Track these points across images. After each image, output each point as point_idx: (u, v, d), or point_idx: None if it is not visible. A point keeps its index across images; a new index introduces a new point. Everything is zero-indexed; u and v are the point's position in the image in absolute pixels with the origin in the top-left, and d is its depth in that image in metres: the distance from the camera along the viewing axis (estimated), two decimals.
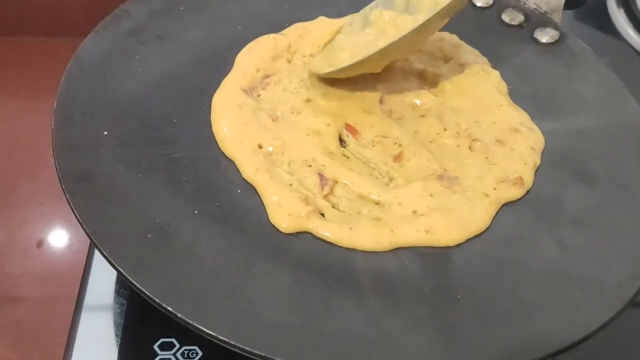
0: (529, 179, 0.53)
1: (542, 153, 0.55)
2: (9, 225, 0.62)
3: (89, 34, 0.57)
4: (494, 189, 0.52)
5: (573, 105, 0.59)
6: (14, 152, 0.66)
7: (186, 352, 0.51)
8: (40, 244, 0.61)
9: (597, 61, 0.62)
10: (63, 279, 0.57)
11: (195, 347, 0.51)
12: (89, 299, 0.55)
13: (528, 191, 0.53)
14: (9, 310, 0.56)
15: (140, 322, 0.53)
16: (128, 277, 0.43)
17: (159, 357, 0.50)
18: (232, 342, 0.41)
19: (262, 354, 0.41)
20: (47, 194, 0.57)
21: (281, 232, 0.48)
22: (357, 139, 0.55)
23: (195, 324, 0.41)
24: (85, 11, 0.59)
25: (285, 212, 0.49)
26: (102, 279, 0.56)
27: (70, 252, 0.59)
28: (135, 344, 0.52)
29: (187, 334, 0.42)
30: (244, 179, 0.51)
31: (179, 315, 0.41)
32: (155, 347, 0.51)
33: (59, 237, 0.61)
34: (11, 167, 0.65)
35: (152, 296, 0.42)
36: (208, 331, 0.41)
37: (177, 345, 0.51)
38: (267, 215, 0.49)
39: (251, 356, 0.41)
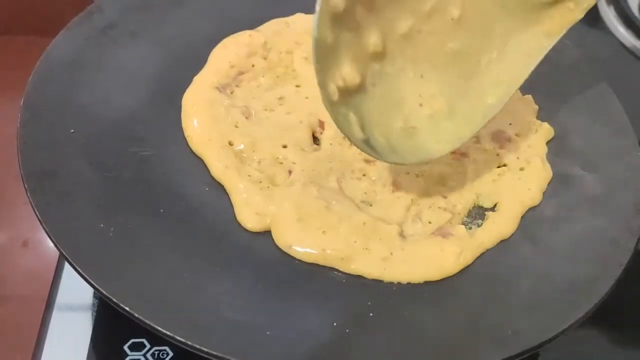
0: None
1: None
2: None
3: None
4: None
5: (552, 100, 0.58)
6: (1, 150, 0.66)
7: (156, 352, 0.50)
8: (25, 243, 0.60)
9: (578, 56, 0.61)
10: (48, 278, 0.57)
11: (166, 348, 0.50)
12: (61, 298, 0.54)
13: None
14: None
15: (111, 322, 0.52)
16: (86, 276, 0.42)
17: (129, 357, 0.50)
18: (190, 343, 0.40)
19: (221, 355, 0.40)
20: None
21: (247, 230, 0.48)
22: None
23: (153, 325, 0.41)
24: (77, 10, 0.59)
25: (252, 211, 0.48)
26: (78, 277, 0.55)
27: (55, 251, 0.58)
28: (106, 344, 0.51)
29: (157, 335, 0.41)
30: (213, 177, 0.50)
31: (136, 315, 0.41)
32: (126, 347, 0.50)
33: (45, 237, 0.60)
34: None
35: (109, 296, 0.41)
36: (166, 332, 0.41)
37: (148, 346, 0.50)
38: (234, 214, 0.48)
39: (211, 357, 0.40)
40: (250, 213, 0.48)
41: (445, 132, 0.48)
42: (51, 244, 0.58)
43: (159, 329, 0.40)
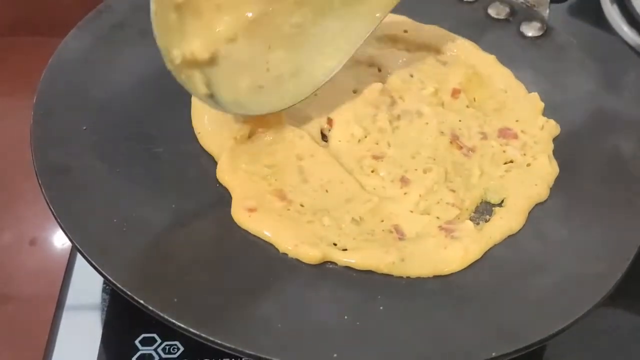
0: None
1: None
2: (2, 222, 0.61)
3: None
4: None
5: (557, 98, 0.58)
6: (10, 150, 0.66)
7: (167, 347, 0.51)
8: (33, 241, 0.61)
9: (582, 54, 0.61)
10: (55, 276, 0.57)
11: (177, 342, 0.51)
12: (73, 295, 0.55)
13: None
14: (1, 307, 0.56)
15: (122, 317, 0.52)
16: (100, 268, 0.43)
17: (140, 352, 0.50)
18: (204, 335, 0.41)
19: (232, 346, 0.40)
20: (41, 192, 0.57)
21: None
22: None
23: (167, 317, 0.41)
24: (83, 11, 0.59)
25: None
26: (88, 275, 0.55)
27: (63, 249, 0.59)
28: (117, 339, 0.51)
29: (168, 330, 0.42)
30: None
31: (150, 307, 0.41)
32: (137, 342, 0.51)
33: (52, 235, 0.61)
34: (7, 165, 0.65)
35: (123, 288, 0.42)
36: (180, 324, 0.41)
37: (159, 341, 0.51)
38: None
39: (223, 349, 0.41)
40: None
41: (289, 90, 0.52)
42: (58, 243, 0.59)
43: (173, 321, 0.41)
